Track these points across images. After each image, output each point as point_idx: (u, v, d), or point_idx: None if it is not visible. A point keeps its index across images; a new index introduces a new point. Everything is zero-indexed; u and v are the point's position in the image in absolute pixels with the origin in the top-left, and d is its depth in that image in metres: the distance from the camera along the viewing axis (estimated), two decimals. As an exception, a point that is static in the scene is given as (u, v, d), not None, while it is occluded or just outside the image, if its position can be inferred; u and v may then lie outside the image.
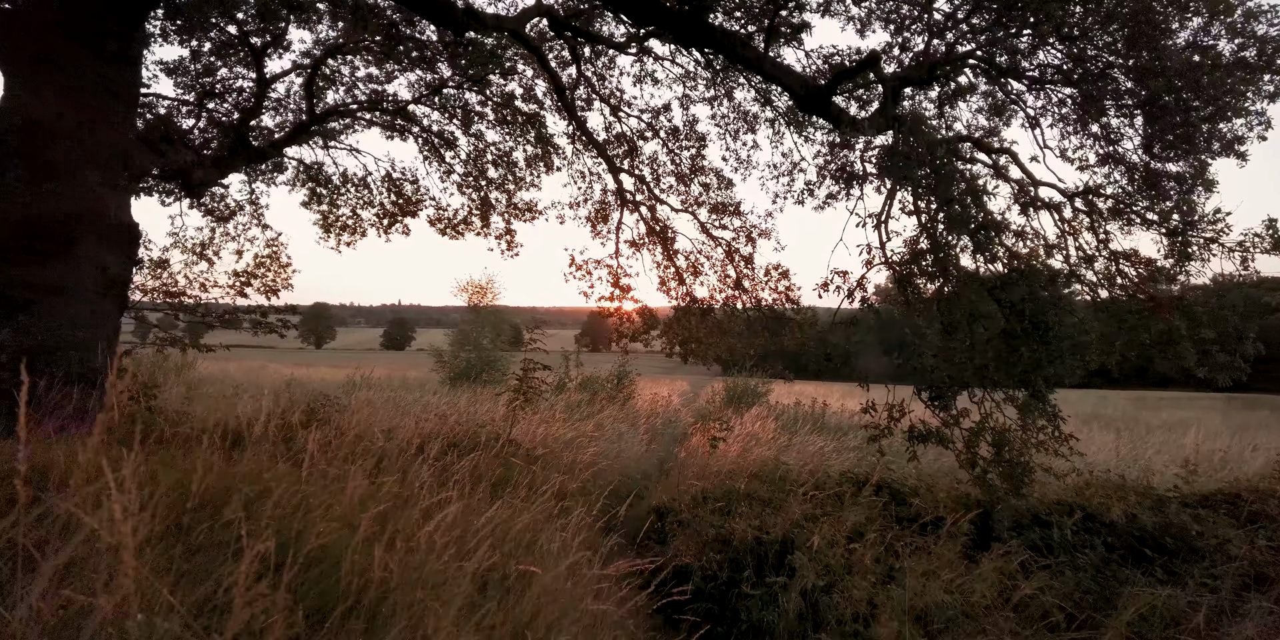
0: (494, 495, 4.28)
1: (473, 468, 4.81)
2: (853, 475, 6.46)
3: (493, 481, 4.50)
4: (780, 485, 6.79)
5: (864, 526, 4.67)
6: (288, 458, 4.31)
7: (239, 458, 4.16)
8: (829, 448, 9.22)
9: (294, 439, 5.23)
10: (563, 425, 7.98)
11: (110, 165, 5.68)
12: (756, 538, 4.27)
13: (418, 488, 4.01)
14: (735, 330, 10.17)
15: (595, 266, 10.71)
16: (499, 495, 4.25)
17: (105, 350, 5.82)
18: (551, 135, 11.30)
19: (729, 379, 18.08)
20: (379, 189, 12.88)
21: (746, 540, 4.19)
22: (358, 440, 4.94)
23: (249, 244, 12.01)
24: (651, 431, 10.34)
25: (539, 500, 4.48)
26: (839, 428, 12.44)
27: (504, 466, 5.16)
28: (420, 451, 5.38)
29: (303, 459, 3.93)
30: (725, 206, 9.93)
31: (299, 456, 4.47)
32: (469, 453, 5.73)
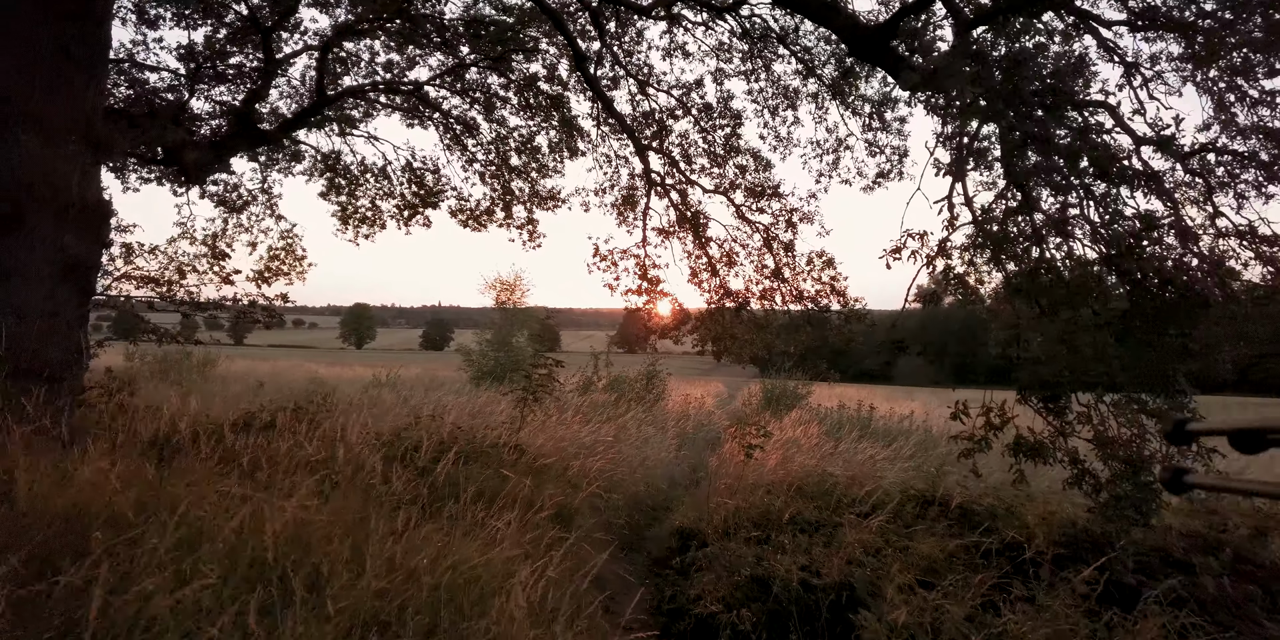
0: (483, 522, 3.48)
1: (455, 480, 4.02)
2: (916, 492, 5.50)
3: (474, 498, 3.70)
4: (828, 502, 5.88)
5: (942, 563, 3.75)
6: (230, 467, 3.57)
7: (170, 468, 3.43)
8: (880, 456, 8.24)
9: (268, 442, 4.53)
10: (580, 428, 7.17)
11: (62, 134, 5.05)
12: (804, 581, 3.38)
13: (382, 507, 3.23)
14: (773, 325, 9.24)
15: (621, 256, 9.89)
16: (476, 518, 3.45)
17: (71, 342, 5.21)
18: (576, 116, 10.54)
19: (767, 381, 17.08)
20: (399, 179, 12.28)
21: (791, 585, 3.29)
22: (326, 445, 4.19)
23: (262, 235, 11.53)
24: (681, 436, 9.48)
25: (534, 520, 3.66)
26: (888, 433, 11.39)
27: (500, 478, 4.36)
28: (404, 459, 4.63)
29: (255, 469, 3.17)
30: (763, 188, 9.01)
31: (253, 465, 3.75)
32: (466, 460, 4.96)
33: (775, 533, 4.10)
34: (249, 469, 3.53)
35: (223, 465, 3.51)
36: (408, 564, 2.29)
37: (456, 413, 8.23)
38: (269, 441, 3.88)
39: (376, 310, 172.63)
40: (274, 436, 4.05)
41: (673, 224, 9.82)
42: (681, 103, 9.56)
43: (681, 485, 7.70)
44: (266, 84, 9.09)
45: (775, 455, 7.07)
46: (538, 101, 10.92)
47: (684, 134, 9.45)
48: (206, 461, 3.57)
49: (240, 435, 4.52)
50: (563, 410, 8.33)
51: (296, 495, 2.74)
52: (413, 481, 4.09)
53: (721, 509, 4.54)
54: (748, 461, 5.91)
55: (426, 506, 3.42)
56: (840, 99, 9.10)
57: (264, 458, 3.51)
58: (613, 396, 10.93)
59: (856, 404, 13.38)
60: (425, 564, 2.31)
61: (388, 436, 5.11)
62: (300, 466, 3.52)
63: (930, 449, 9.78)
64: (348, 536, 2.46)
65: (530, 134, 11.30)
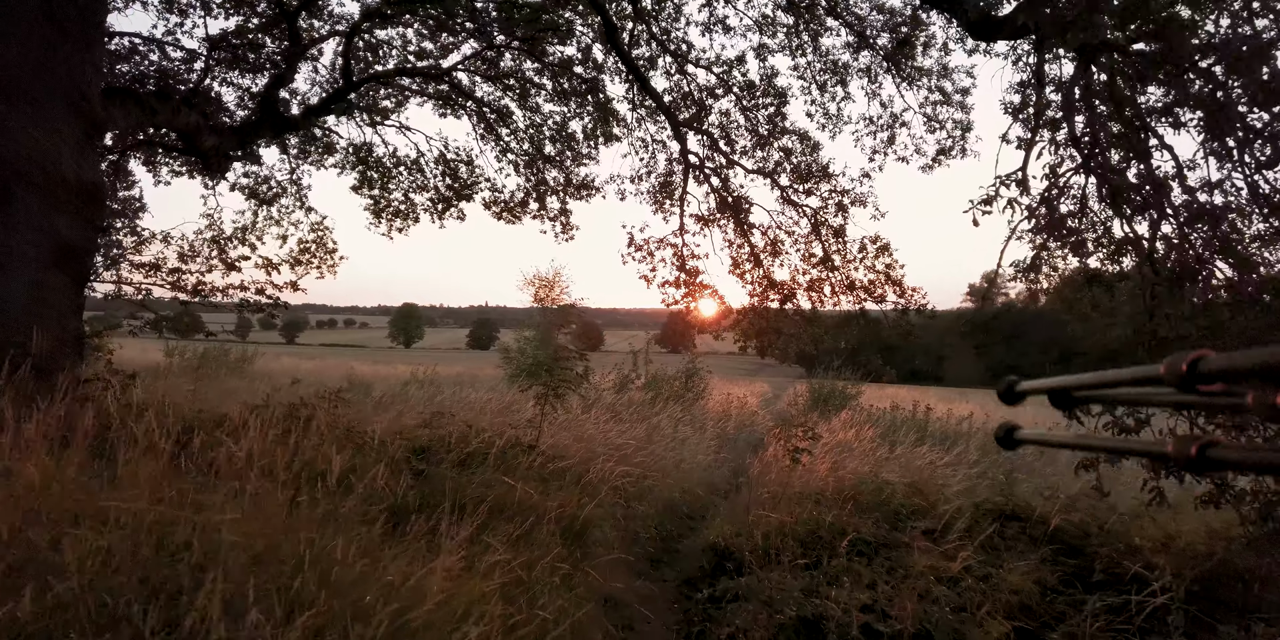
0: (473, 538, 2.93)
1: (456, 486, 3.49)
2: (992, 505, 4.76)
3: (471, 508, 3.16)
4: (885, 513, 5.18)
5: (1038, 600, 3.04)
6: (192, 469, 3.11)
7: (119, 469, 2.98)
8: (940, 461, 7.46)
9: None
10: (609, 428, 6.62)
11: (51, 109, 4.71)
12: (866, 625, 2.71)
13: (340, 524, 2.71)
14: (822, 319, 8.53)
15: (658, 246, 9.31)
16: (478, 537, 2.90)
17: (64, 332, 4.88)
18: (611, 99, 9.99)
19: (814, 380, 16.24)
20: (432, 171, 11.94)
21: (850, 632, 2.63)
22: (316, 445, 3.71)
23: (293, 228, 11.31)
24: (721, 437, 8.84)
25: (538, 536, 3.09)
26: (945, 436, 10.52)
27: (508, 484, 3.81)
28: (407, 463, 4.13)
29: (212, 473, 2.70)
30: (810, 170, 8.30)
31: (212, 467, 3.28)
32: (474, 462, 4.44)
33: (827, 556, 3.44)
34: (207, 472, 3.07)
35: (173, 467, 3.05)
36: (335, 603, 1.76)
37: (480, 411, 7.77)
38: (235, 441, 3.41)
39: (425, 310, 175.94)
40: (243, 437, 3.58)
41: (712, 211, 9.20)
42: (722, 80, 8.91)
43: (720, 491, 7.07)
44: (291, 69, 8.79)
45: (825, 461, 6.39)
46: (572, 85, 10.43)
47: (725, 113, 8.80)
48: (161, 463, 3.11)
49: (220, 434, 4.08)
50: (592, 408, 7.79)
51: (215, 505, 2.24)
52: (408, 488, 3.57)
53: (763, 523, 3.91)
54: (794, 467, 5.25)
55: (406, 521, 2.89)
56: (896, 71, 8.34)
57: (223, 460, 3.03)
58: (649, 395, 10.34)
59: (912, 405, 12.49)
60: (359, 602, 1.77)
61: (384, 436, 4.62)
62: (263, 471, 3.03)
63: (994, 453, 8.94)
64: (259, 564, 1.95)
65: (564, 120, 10.83)
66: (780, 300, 8.84)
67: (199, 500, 2.42)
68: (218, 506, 2.32)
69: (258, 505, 2.42)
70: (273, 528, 2.25)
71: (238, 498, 2.46)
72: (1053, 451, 8.71)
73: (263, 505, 2.45)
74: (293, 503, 2.69)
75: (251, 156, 10.42)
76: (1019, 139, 7.17)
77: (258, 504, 2.43)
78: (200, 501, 2.42)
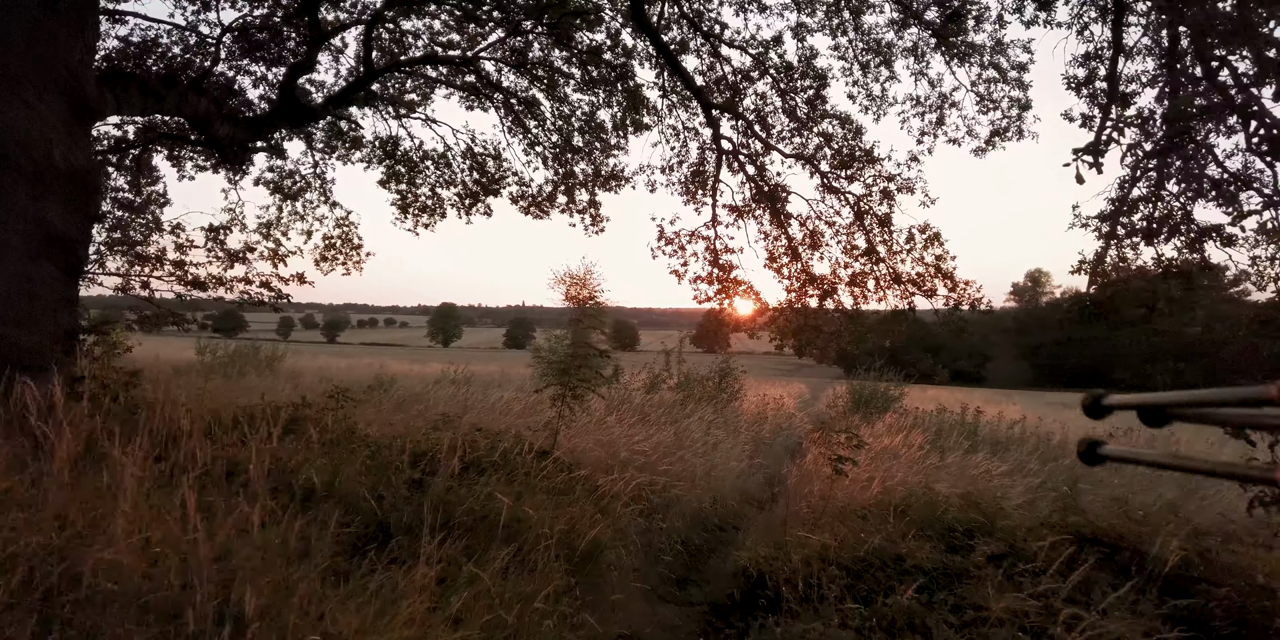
0: (456, 565, 2.49)
1: (452, 503, 3.06)
2: (1064, 524, 4.16)
3: (465, 526, 2.72)
4: (938, 529, 4.62)
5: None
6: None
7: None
8: (996, 470, 6.82)
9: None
10: (634, 431, 6.16)
11: (40, 92, 4.43)
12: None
13: (289, 561, 2.30)
14: (865, 315, 7.94)
15: (689, 239, 8.82)
16: (457, 565, 2.45)
17: (54, 327, 4.61)
18: (641, 86, 9.52)
19: (855, 381, 15.51)
20: (460, 165, 11.63)
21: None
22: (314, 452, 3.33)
23: (318, 223, 11.12)
24: (756, 441, 8.29)
25: (542, 562, 2.64)
26: (996, 442, 9.80)
27: (513, 496, 3.36)
28: (418, 466, 3.74)
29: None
30: (853, 154, 7.71)
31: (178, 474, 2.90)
32: (480, 470, 4.02)
33: (880, 592, 2.90)
34: (168, 484, 2.69)
35: (136, 479, 2.67)
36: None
37: (502, 412, 7.39)
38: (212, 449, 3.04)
39: (464, 310, 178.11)
40: (223, 444, 3.21)
41: (747, 201, 8.67)
42: (758, 62, 8.38)
43: (754, 500, 6.56)
44: (311, 58, 8.53)
45: (869, 468, 5.83)
46: (601, 73, 10.01)
47: (761, 96, 8.26)
48: (113, 476, 2.74)
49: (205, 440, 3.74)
50: (618, 410, 7.34)
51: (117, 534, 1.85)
52: (395, 503, 3.16)
53: (801, 546, 3.41)
54: (837, 478, 4.71)
55: (386, 543, 2.47)
56: (945, 48, 7.70)
57: (190, 470, 2.65)
58: (680, 395, 9.85)
59: (960, 407, 11.75)
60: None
61: (387, 439, 4.23)
62: (219, 482, 2.64)
63: (1052, 461, 8.24)
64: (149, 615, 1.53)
65: (593, 109, 10.40)
66: (820, 296, 8.28)
67: (107, 526, 2.04)
68: (118, 536, 1.92)
69: (208, 527, 2.01)
70: (197, 560, 1.85)
71: (185, 521, 2.07)
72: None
73: (214, 527, 2.05)
74: (245, 525, 2.29)
75: (275, 150, 10.25)
76: (1083, 116, 6.52)
77: (207, 525, 2.03)
78: (108, 528, 2.03)
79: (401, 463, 3.95)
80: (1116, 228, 6.47)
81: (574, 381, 4.95)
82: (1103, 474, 7.84)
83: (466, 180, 11.65)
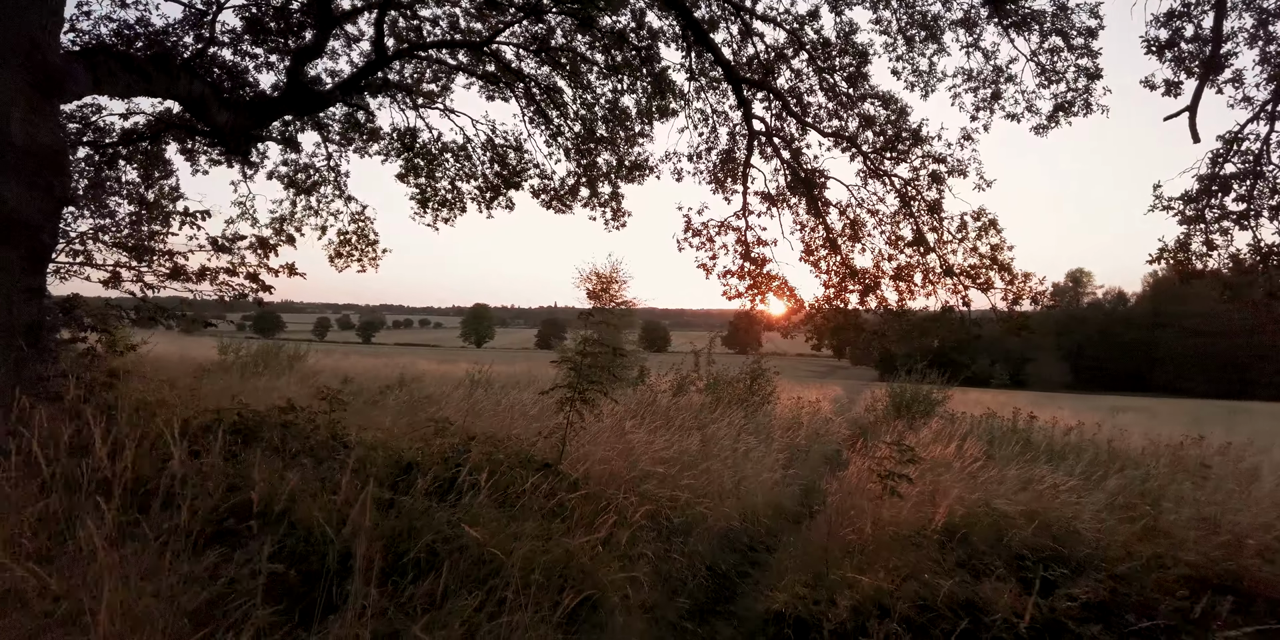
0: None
1: (414, 530, 2.50)
2: (1168, 559, 3.46)
3: (423, 566, 2.16)
4: (1006, 559, 3.96)
5: None
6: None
7: None
8: (1063, 484, 6.08)
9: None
10: (653, 436, 5.58)
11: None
12: None
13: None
14: (912, 313, 7.24)
15: (719, 230, 8.21)
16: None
17: (14, 322, 4.20)
18: (668, 68, 8.93)
19: (894, 384, 14.66)
20: (480, 158, 11.18)
21: None
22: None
23: (332, 219, 10.75)
24: (791, 449, 7.62)
25: (513, 621, 2.06)
26: (1052, 450, 8.96)
27: (502, 521, 2.79)
28: (396, 481, 3.22)
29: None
30: (898, 134, 7.01)
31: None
32: (467, 488, 3.47)
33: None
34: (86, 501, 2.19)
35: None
36: None
37: (519, 414, 6.88)
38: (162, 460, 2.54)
39: (497, 311, 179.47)
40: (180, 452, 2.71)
41: (781, 189, 8.02)
42: (793, 38, 7.72)
43: (790, 515, 5.92)
44: (320, 42, 8.12)
45: (920, 483, 5.15)
46: (625, 58, 9.45)
47: (797, 73, 7.60)
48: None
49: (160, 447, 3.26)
50: (640, 414, 6.77)
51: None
52: (358, 530, 2.61)
53: (850, 587, 2.79)
54: (886, 497, 4.06)
55: (329, 591, 1.92)
56: (999, 17, 6.96)
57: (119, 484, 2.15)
58: (709, 398, 9.23)
59: (1011, 412, 10.92)
60: None
61: (374, 444, 3.72)
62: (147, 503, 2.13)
63: (1117, 471, 7.45)
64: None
65: (617, 96, 9.85)
66: (861, 291, 7.60)
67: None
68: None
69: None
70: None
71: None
72: (1216, 477, 7.13)
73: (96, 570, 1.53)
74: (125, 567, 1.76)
75: (289, 142, 9.91)
76: (1167, 83, 5.77)
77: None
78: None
79: (383, 476, 3.42)
80: (1205, 210, 5.72)
81: (583, 384, 4.39)
82: (1182, 489, 7.02)
83: (487, 173, 11.20)
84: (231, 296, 5.78)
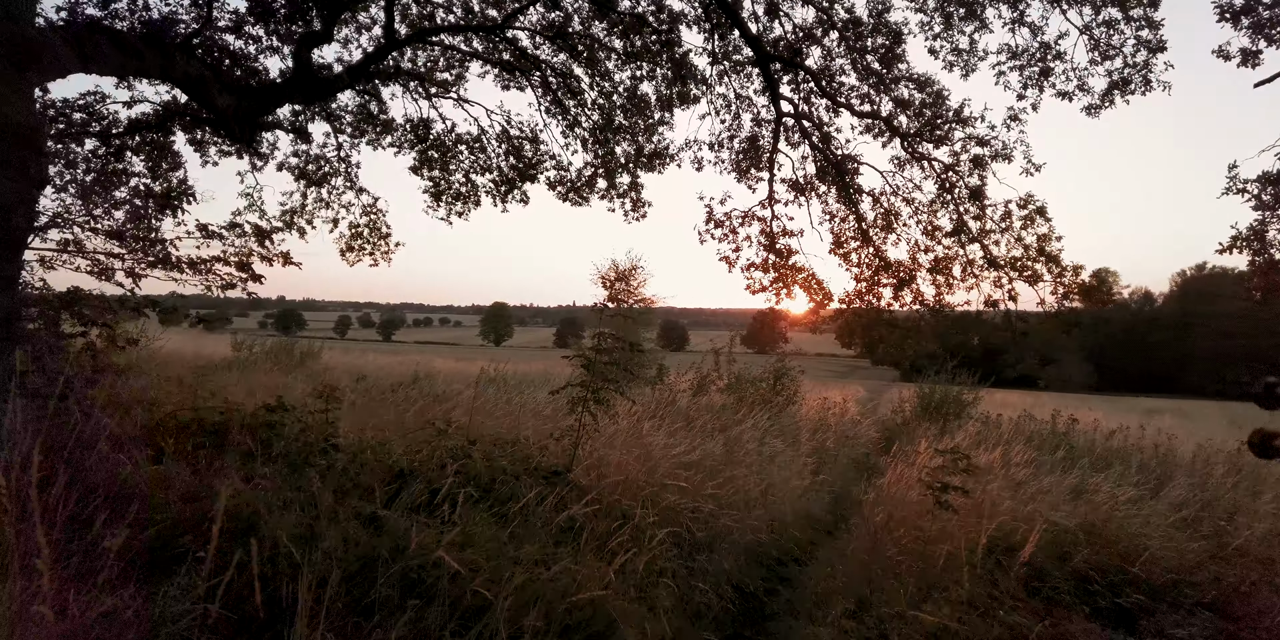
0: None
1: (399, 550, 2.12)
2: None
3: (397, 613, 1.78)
4: (1072, 585, 3.52)
5: None
6: None
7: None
8: (1122, 494, 5.58)
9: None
10: (674, 439, 5.18)
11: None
12: None
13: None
14: (951, 308, 6.77)
15: (742, 221, 7.78)
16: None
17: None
18: (689, 51, 8.50)
19: (924, 384, 14.08)
20: (495, 150, 10.83)
21: None
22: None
23: (344, 211, 10.47)
24: (819, 453, 7.17)
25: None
26: (1096, 455, 8.40)
27: (485, 542, 2.41)
28: (388, 492, 2.85)
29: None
30: (938, 116, 6.52)
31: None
32: (464, 497, 3.08)
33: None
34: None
35: None
36: None
37: (527, 414, 6.52)
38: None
39: (516, 310, 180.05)
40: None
41: (809, 177, 7.57)
42: (824, 15, 7.26)
43: (821, 524, 5.48)
44: (329, 26, 7.79)
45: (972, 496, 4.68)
46: (644, 43, 9.04)
47: (828, 52, 7.14)
48: None
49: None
50: (658, 415, 6.37)
51: None
52: (327, 557, 2.24)
53: (907, 623, 2.36)
54: (939, 511, 3.61)
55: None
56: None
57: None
58: (731, 398, 8.80)
59: (1053, 415, 10.37)
60: None
61: (365, 447, 3.35)
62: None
63: (1169, 480, 6.93)
64: None
65: (635, 82, 9.43)
66: (894, 285, 7.13)
67: None
68: None
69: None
70: None
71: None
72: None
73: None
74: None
75: (299, 132, 9.63)
76: (1244, 52, 5.24)
77: None
78: None
79: (371, 484, 3.05)
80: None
81: (597, 382, 3.99)
82: (1247, 500, 6.48)
83: (502, 165, 10.84)
84: (219, 287, 5.45)
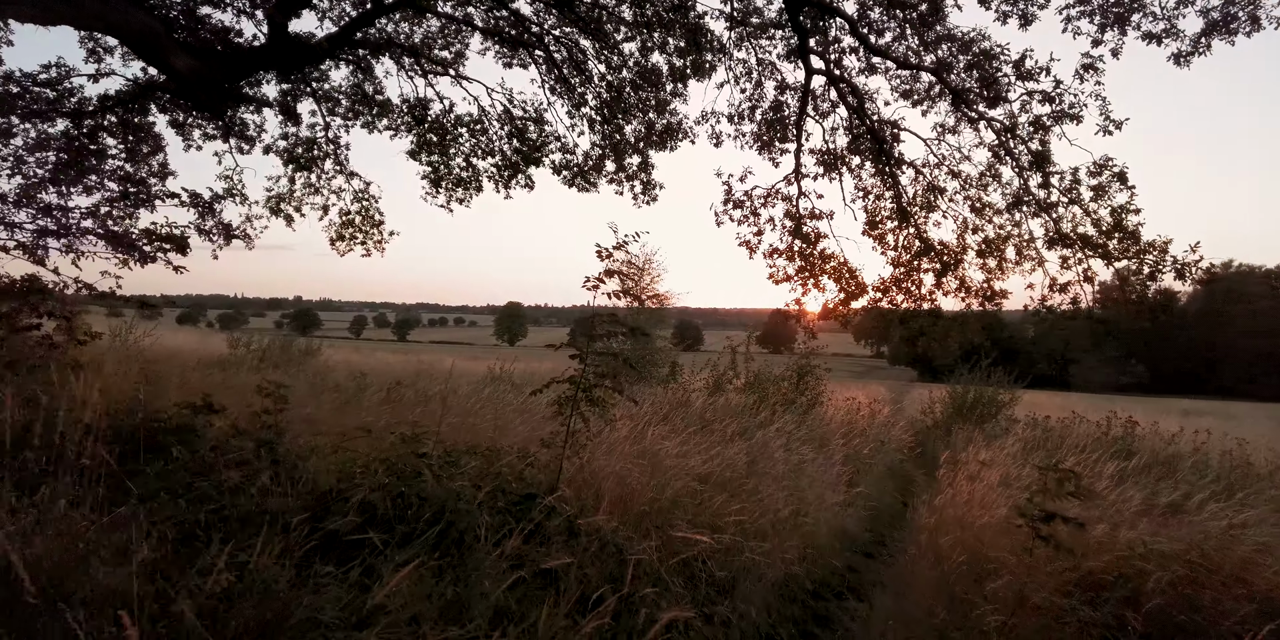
0: None
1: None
2: None
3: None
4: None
5: None
6: None
7: None
8: (1235, 519, 4.67)
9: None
10: (687, 444, 4.37)
11: None
12: None
13: None
14: (1004, 294, 5.90)
15: (764, 200, 6.95)
16: None
17: None
18: (705, 14, 7.66)
19: (955, 384, 13.12)
20: (497, 132, 10.06)
21: None
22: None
23: (334, 197, 9.75)
24: (853, 460, 6.31)
25: None
26: (1158, 463, 7.43)
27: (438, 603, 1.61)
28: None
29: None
30: (995, 71, 5.63)
31: None
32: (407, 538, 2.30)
33: None
34: None
35: None
36: None
37: (525, 414, 5.76)
38: None
39: (530, 310, 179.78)
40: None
41: (841, 149, 6.72)
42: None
43: (860, 546, 4.65)
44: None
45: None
46: (656, 10, 8.22)
47: (863, 3, 6.27)
48: None
49: None
50: (670, 417, 5.57)
51: None
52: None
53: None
54: (1036, 545, 2.75)
55: None
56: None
57: None
58: (752, 398, 7.95)
59: (1107, 417, 9.42)
60: None
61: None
62: None
63: (1252, 490, 6.03)
64: None
65: (645, 54, 8.61)
66: (937, 270, 6.27)
67: None
68: None
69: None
70: None
71: None
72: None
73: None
74: None
75: (287, 112, 8.92)
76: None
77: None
78: None
79: (290, 508, 2.27)
80: None
81: (591, 378, 3.17)
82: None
83: (505, 148, 10.07)
84: (136, 259, 4.70)
